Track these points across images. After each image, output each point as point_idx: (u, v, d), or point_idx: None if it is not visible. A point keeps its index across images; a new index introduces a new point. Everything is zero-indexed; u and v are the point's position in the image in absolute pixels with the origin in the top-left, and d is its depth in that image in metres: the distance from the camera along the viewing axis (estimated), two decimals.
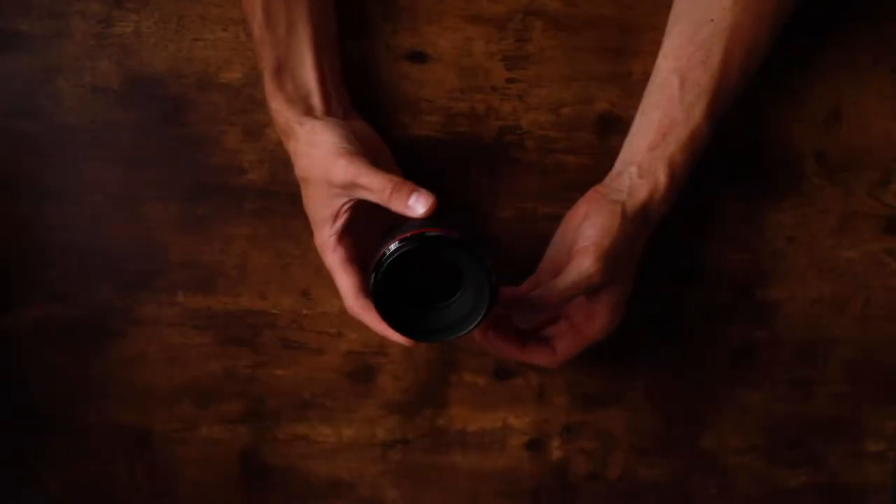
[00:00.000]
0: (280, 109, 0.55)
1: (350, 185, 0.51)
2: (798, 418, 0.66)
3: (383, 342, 0.63)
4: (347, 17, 0.58)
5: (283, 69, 0.55)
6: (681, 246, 0.63)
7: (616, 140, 0.59)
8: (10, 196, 0.61)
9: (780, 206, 0.63)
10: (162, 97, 0.61)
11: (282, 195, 0.62)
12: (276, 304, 0.63)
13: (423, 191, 0.49)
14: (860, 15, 0.61)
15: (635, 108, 0.58)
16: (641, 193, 0.54)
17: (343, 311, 0.63)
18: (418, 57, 0.60)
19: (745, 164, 0.63)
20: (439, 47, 0.60)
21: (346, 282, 0.53)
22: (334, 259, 0.54)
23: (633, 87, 0.59)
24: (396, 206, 0.49)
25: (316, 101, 0.55)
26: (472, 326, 0.48)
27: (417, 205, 0.48)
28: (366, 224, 0.54)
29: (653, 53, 0.57)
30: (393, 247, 0.47)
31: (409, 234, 0.47)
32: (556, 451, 0.66)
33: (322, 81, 0.55)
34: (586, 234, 0.53)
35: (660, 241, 0.63)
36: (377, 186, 0.49)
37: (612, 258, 0.53)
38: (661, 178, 0.54)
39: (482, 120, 0.61)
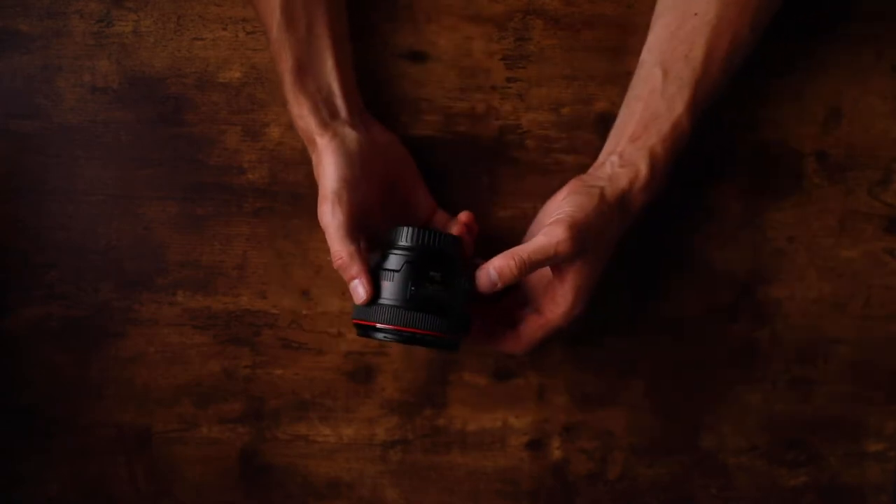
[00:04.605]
0: (302, 115, 0.55)
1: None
2: (798, 418, 0.66)
3: (383, 342, 0.63)
4: (347, 17, 0.58)
5: (304, 70, 0.55)
6: (681, 246, 0.63)
7: None
8: (10, 196, 0.61)
9: (780, 205, 0.63)
10: (162, 97, 0.61)
11: (282, 195, 0.62)
12: (276, 304, 0.63)
13: (362, 281, 0.52)
14: (860, 14, 0.61)
15: None
16: (621, 182, 0.55)
17: (343, 312, 0.63)
18: (418, 56, 0.60)
19: (745, 164, 0.63)
20: (439, 47, 0.60)
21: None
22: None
23: None
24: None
25: (339, 101, 0.55)
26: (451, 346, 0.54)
27: (354, 293, 0.52)
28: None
29: None
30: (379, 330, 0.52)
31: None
32: (556, 451, 0.66)
33: (343, 81, 0.55)
34: (562, 209, 0.54)
35: (660, 241, 0.63)
36: (333, 251, 0.53)
37: (584, 232, 0.52)
38: (642, 168, 0.55)
39: (482, 120, 0.61)
